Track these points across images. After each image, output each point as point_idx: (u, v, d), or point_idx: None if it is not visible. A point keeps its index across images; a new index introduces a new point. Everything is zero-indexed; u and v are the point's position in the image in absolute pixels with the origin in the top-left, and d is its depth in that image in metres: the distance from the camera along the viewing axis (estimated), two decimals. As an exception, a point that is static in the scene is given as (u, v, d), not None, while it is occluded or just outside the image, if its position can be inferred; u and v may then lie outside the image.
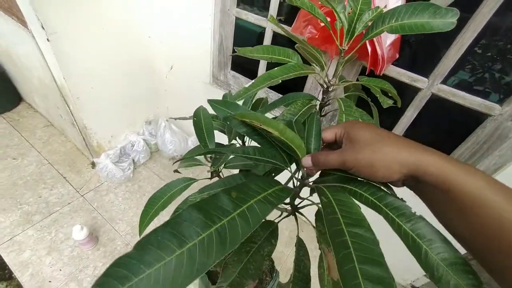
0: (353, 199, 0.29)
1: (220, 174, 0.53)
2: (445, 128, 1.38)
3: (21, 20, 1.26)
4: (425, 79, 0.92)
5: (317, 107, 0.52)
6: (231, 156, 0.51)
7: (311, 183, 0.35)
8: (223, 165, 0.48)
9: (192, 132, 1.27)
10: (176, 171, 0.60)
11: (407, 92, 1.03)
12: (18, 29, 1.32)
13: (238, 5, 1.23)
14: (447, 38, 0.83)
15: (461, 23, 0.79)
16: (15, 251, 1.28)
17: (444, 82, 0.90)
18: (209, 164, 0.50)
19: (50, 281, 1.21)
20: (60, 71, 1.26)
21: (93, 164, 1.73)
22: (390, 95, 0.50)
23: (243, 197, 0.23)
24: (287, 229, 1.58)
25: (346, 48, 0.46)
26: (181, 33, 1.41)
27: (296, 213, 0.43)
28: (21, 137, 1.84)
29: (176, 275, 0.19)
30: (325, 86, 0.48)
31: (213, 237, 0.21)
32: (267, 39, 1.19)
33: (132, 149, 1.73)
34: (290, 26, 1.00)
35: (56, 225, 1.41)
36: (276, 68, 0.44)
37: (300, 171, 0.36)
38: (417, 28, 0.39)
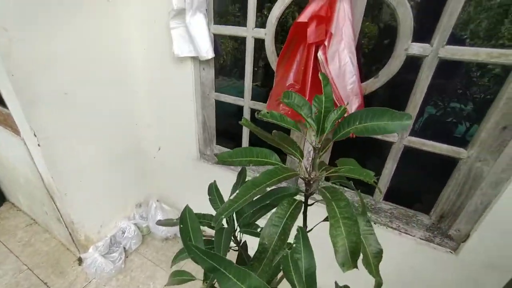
0: None
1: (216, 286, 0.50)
2: (426, 173, 1.44)
3: (14, 129, 1.31)
4: (395, 133, 1.00)
5: (303, 199, 0.54)
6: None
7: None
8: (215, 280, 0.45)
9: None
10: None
11: (384, 146, 1.10)
12: (11, 137, 1.36)
13: (216, 77, 1.34)
14: (405, 98, 0.94)
15: (410, 86, 0.92)
16: None
17: (412, 130, 0.98)
18: (202, 278, 0.47)
19: None
20: (48, 172, 1.26)
21: (80, 260, 1.59)
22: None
23: None
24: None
25: (319, 146, 0.51)
26: (166, 117, 1.50)
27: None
28: None
29: None
30: (306, 180, 0.51)
31: None
32: (246, 114, 1.29)
33: (123, 236, 1.63)
34: (266, 88, 1.08)
35: None
36: (258, 175, 0.46)
37: None
38: (379, 130, 0.44)
